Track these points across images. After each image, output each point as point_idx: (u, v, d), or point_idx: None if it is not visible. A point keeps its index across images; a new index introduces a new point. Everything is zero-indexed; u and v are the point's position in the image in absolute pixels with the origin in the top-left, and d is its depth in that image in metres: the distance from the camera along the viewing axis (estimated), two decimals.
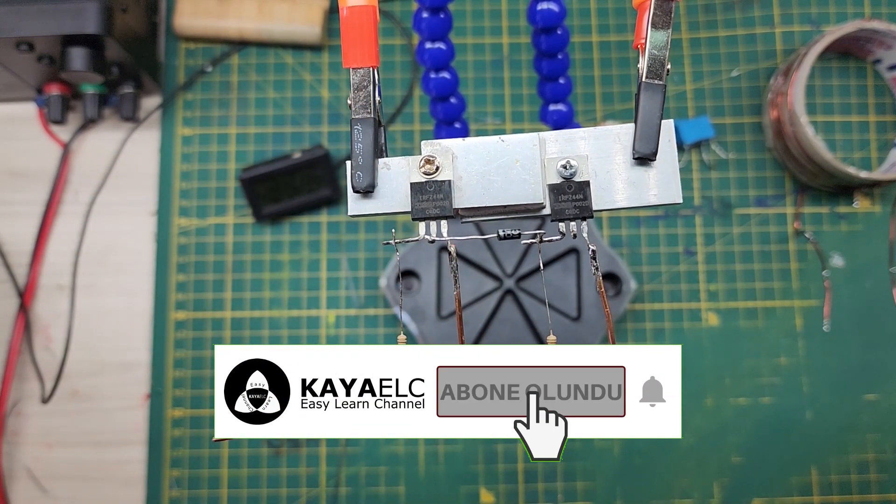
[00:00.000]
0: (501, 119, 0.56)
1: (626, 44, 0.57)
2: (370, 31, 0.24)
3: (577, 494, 0.52)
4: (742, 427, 0.53)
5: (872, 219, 0.55)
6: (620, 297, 0.51)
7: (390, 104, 0.56)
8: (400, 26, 0.57)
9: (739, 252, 0.55)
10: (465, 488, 0.52)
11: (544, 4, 0.36)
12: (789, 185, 0.55)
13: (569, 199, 0.23)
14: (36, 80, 0.53)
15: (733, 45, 0.57)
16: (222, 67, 0.57)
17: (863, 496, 0.52)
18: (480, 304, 0.51)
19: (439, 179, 0.22)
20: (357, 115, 0.23)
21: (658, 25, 0.24)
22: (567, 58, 0.39)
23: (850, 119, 0.56)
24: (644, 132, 0.23)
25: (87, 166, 0.56)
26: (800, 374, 0.53)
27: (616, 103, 0.56)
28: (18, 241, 0.55)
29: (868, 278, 0.54)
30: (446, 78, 0.38)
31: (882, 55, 0.55)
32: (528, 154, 0.23)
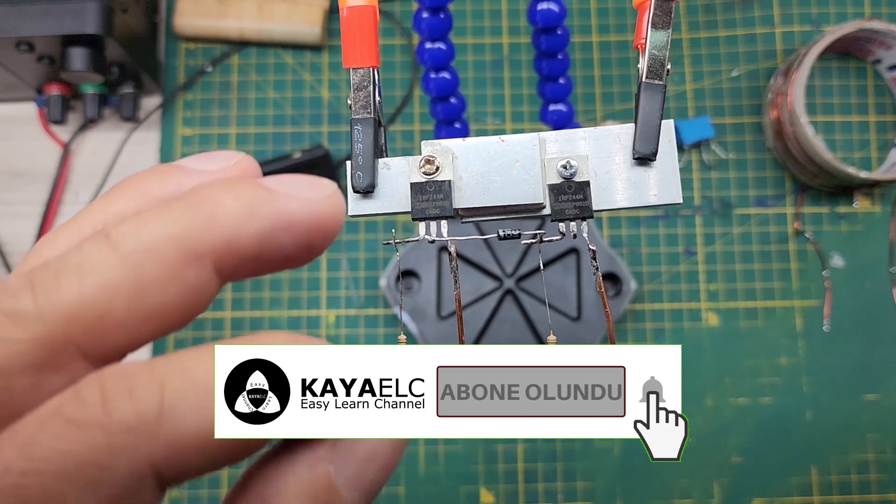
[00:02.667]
0: (501, 119, 0.56)
1: (626, 44, 0.57)
2: (370, 32, 0.23)
3: (576, 494, 0.52)
4: (742, 427, 0.53)
5: (872, 219, 0.55)
6: (620, 297, 0.51)
7: (390, 104, 0.56)
8: (400, 26, 0.57)
9: (739, 252, 0.55)
10: (465, 488, 0.52)
11: (544, 4, 0.36)
12: (789, 185, 0.55)
13: (569, 200, 0.23)
14: (36, 81, 0.53)
15: (733, 45, 0.57)
16: (222, 67, 0.57)
17: (863, 496, 0.52)
18: (480, 304, 0.51)
19: (439, 179, 0.22)
20: (357, 115, 0.23)
21: (658, 25, 0.24)
22: (567, 58, 0.39)
23: (850, 119, 0.56)
24: (644, 132, 0.23)
25: (87, 166, 0.56)
26: (800, 374, 0.53)
27: (616, 103, 0.56)
28: (18, 241, 0.55)
29: (868, 278, 0.54)
30: (446, 78, 0.38)
31: (882, 55, 0.55)
32: (528, 154, 0.23)
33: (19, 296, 0.14)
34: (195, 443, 0.14)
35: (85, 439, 0.13)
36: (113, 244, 0.15)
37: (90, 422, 0.13)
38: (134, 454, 0.13)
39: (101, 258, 0.15)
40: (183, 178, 0.17)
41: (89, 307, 0.14)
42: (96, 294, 0.14)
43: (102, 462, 0.13)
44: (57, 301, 0.14)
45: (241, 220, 0.16)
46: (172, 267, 0.15)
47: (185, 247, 0.15)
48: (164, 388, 0.14)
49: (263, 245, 0.16)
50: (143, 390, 0.14)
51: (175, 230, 0.15)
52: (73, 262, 0.15)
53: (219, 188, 0.16)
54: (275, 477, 0.16)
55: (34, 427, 0.13)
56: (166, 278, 0.15)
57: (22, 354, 0.14)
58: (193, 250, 0.15)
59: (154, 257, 0.15)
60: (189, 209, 0.16)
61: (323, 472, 0.16)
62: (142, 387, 0.14)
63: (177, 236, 0.15)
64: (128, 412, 0.13)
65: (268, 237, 0.16)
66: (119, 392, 0.14)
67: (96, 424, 0.13)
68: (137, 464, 0.13)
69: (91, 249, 0.15)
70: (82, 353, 0.15)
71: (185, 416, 0.14)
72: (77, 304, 0.14)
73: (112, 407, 0.13)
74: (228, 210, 0.16)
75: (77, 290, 0.14)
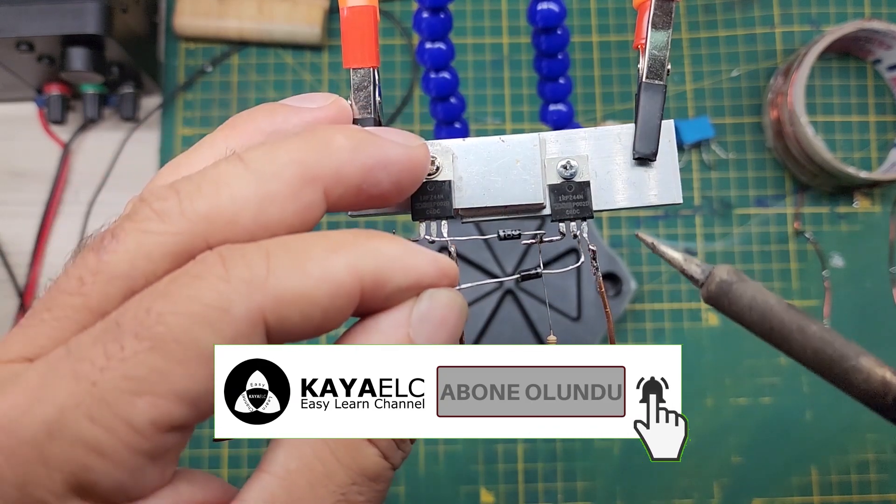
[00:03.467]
0: (501, 119, 0.56)
1: (627, 44, 0.57)
2: (370, 32, 0.23)
3: (577, 495, 0.52)
4: (742, 427, 0.53)
5: (872, 219, 0.55)
6: (620, 297, 0.51)
7: (390, 104, 0.56)
8: (400, 26, 0.57)
9: (739, 252, 0.55)
10: (465, 488, 0.52)
11: (544, 4, 0.36)
12: (789, 185, 0.55)
13: (569, 200, 0.23)
14: (36, 80, 0.53)
15: (733, 45, 0.57)
16: (222, 67, 0.57)
17: (863, 496, 0.52)
18: (480, 304, 0.51)
19: (439, 180, 0.23)
20: (357, 115, 0.23)
21: (658, 26, 0.24)
22: (567, 58, 0.39)
23: (850, 119, 0.56)
24: (644, 132, 0.23)
25: (88, 166, 0.56)
26: (800, 374, 0.53)
27: (616, 103, 0.56)
28: (18, 242, 0.55)
29: (868, 278, 0.54)
30: (446, 78, 0.38)
31: (882, 55, 0.55)
32: (528, 154, 0.23)
33: (167, 198, 0.18)
34: (294, 298, 0.17)
35: (208, 287, 0.16)
36: (246, 164, 0.18)
37: (210, 274, 0.16)
38: (248, 301, 0.16)
39: (236, 174, 0.18)
40: (289, 114, 0.21)
41: (223, 212, 0.18)
42: (229, 202, 0.18)
43: (224, 305, 0.16)
44: (197, 204, 0.18)
45: (350, 154, 0.19)
46: (292, 186, 0.18)
47: (303, 170, 0.18)
48: (270, 255, 0.17)
49: (365, 177, 0.19)
50: (253, 255, 0.17)
51: (297, 156, 0.18)
52: (211, 175, 0.18)
53: (334, 129, 0.19)
54: (364, 338, 0.19)
55: (166, 282, 0.17)
56: (286, 195, 0.18)
57: (165, 245, 0.17)
58: (310, 174, 0.18)
59: (279, 177, 0.18)
60: (309, 142, 0.19)
61: (403, 333, 0.19)
62: (252, 253, 0.17)
63: (298, 161, 0.18)
64: (243, 269, 0.17)
65: (369, 171, 0.19)
66: (234, 256, 0.17)
67: (217, 277, 0.16)
68: (251, 308, 0.16)
69: (227, 167, 0.18)
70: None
71: (287, 275, 0.17)
72: (213, 209, 0.18)
73: (229, 265, 0.17)
74: (340, 145, 0.19)
75: (214, 198, 0.18)
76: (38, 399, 0.16)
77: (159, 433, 0.16)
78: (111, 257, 0.17)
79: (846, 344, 0.19)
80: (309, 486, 0.17)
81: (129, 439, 0.16)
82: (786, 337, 0.19)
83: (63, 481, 0.16)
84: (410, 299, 0.19)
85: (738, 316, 0.20)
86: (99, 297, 0.17)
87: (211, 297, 0.16)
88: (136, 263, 0.17)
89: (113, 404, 0.16)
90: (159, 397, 0.16)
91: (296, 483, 0.17)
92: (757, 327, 0.20)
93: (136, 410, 0.16)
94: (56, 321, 0.17)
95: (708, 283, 0.21)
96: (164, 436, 0.16)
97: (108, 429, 0.16)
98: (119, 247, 0.18)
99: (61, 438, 0.16)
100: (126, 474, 0.16)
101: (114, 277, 0.17)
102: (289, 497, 0.17)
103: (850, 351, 0.19)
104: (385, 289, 0.18)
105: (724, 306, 0.20)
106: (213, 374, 0.16)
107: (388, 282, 0.18)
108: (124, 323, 0.16)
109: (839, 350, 0.19)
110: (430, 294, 0.19)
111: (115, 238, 0.18)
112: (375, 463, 0.18)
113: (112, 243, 0.18)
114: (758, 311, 0.20)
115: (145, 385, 0.16)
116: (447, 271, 0.20)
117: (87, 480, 0.16)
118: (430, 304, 0.19)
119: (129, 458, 0.16)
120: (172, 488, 0.18)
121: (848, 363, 0.19)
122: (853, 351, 0.19)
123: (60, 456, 0.16)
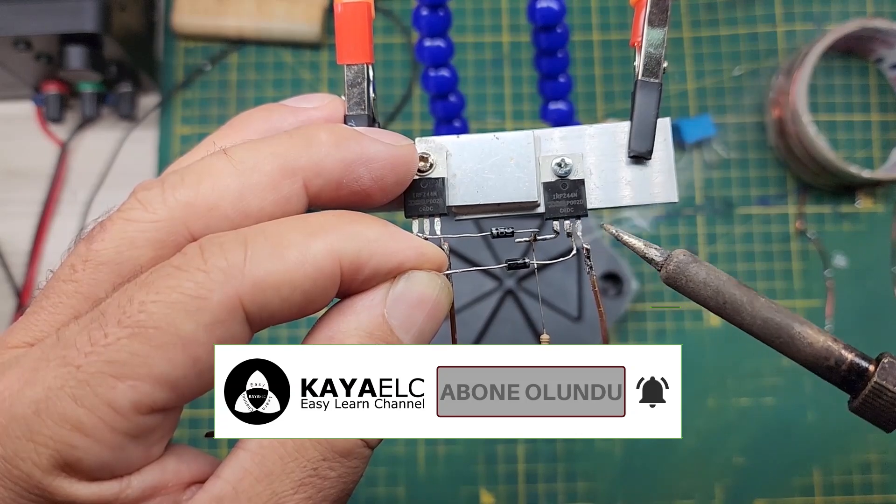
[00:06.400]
0: (501, 118, 0.56)
1: (627, 42, 0.57)
2: (364, 28, 0.23)
3: (578, 496, 0.51)
4: (744, 428, 0.52)
5: (875, 218, 0.55)
6: (622, 298, 0.51)
7: (390, 102, 0.56)
8: (399, 24, 0.57)
9: (741, 252, 0.54)
10: (465, 489, 0.52)
11: (544, 2, 0.36)
12: (791, 184, 0.55)
13: (563, 198, 0.23)
14: (34, 79, 0.53)
15: (735, 43, 0.57)
16: (221, 66, 0.57)
17: (865, 497, 0.51)
18: (480, 304, 0.51)
19: (432, 177, 0.23)
20: (351, 111, 0.23)
21: (654, 23, 0.24)
22: (567, 56, 0.39)
23: (853, 118, 0.56)
24: (639, 130, 0.23)
25: (85, 165, 0.56)
26: (802, 375, 0.53)
27: (617, 102, 0.56)
28: (16, 241, 0.55)
29: (870, 278, 0.54)
30: (445, 75, 0.37)
31: (884, 54, 0.55)
32: (522, 152, 0.23)
33: (151, 188, 0.19)
34: (272, 283, 0.18)
35: (187, 277, 0.17)
36: (229, 158, 0.19)
37: (190, 265, 0.17)
38: (226, 289, 0.17)
39: (219, 166, 0.19)
40: (286, 114, 0.22)
41: (203, 199, 0.19)
42: (210, 191, 0.19)
43: (201, 294, 0.17)
44: (179, 193, 0.19)
45: (330, 148, 0.20)
46: (272, 177, 0.19)
47: (283, 163, 0.19)
48: (248, 243, 0.18)
49: (345, 172, 0.20)
50: (231, 244, 0.18)
51: (278, 150, 0.20)
52: (195, 168, 0.19)
53: (319, 126, 0.21)
54: (339, 319, 0.19)
55: (149, 273, 0.18)
56: (266, 185, 0.19)
57: (147, 231, 0.19)
58: (290, 167, 0.19)
59: (259, 169, 0.19)
60: (292, 137, 0.20)
61: (378, 313, 0.19)
62: (230, 242, 0.18)
63: (278, 154, 0.19)
64: (220, 258, 0.17)
65: (349, 166, 0.20)
66: (213, 246, 0.18)
67: (195, 267, 0.17)
68: (228, 294, 0.17)
69: (211, 160, 0.20)
70: (194, 239, 0.19)
71: (264, 262, 0.18)
72: (194, 197, 0.19)
73: (207, 255, 0.17)
74: (322, 141, 0.20)
75: (196, 187, 0.19)
76: (28, 381, 0.17)
77: (140, 415, 0.17)
78: (98, 245, 0.19)
79: (791, 315, 0.21)
80: (280, 460, 0.18)
81: (111, 419, 0.17)
82: (738, 309, 0.22)
83: (49, 456, 0.17)
84: (389, 281, 0.20)
85: (695, 293, 0.22)
86: (89, 282, 0.19)
87: (189, 287, 0.17)
88: (120, 250, 0.19)
89: (95, 386, 0.17)
90: (139, 380, 0.17)
91: (267, 458, 0.18)
92: (712, 302, 0.22)
93: (117, 393, 0.17)
94: (53, 307, 0.19)
95: (666, 265, 0.22)
96: (145, 417, 0.17)
97: (90, 409, 0.17)
98: (106, 235, 0.19)
99: (47, 417, 0.17)
100: (108, 452, 0.17)
101: (101, 264, 0.19)
102: (261, 471, 0.18)
103: (795, 321, 0.21)
104: (365, 271, 0.19)
105: (681, 285, 0.23)
106: (192, 360, 0.17)
107: (367, 264, 0.19)
108: (108, 312, 0.17)
109: (785, 319, 0.21)
110: (408, 275, 0.20)
111: (103, 227, 0.19)
112: (346, 440, 0.19)
113: (100, 233, 0.19)
114: (712, 287, 0.22)
115: (126, 369, 0.17)
116: (430, 256, 0.20)
117: (71, 457, 0.17)
118: (407, 284, 0.20)
119: (110, 437, 0.17)
120: (158, 464, 0.19)
121: (794, 330, 0.21)
122: (797, 321, 0.21)
123: (46, 433, 0.17)
